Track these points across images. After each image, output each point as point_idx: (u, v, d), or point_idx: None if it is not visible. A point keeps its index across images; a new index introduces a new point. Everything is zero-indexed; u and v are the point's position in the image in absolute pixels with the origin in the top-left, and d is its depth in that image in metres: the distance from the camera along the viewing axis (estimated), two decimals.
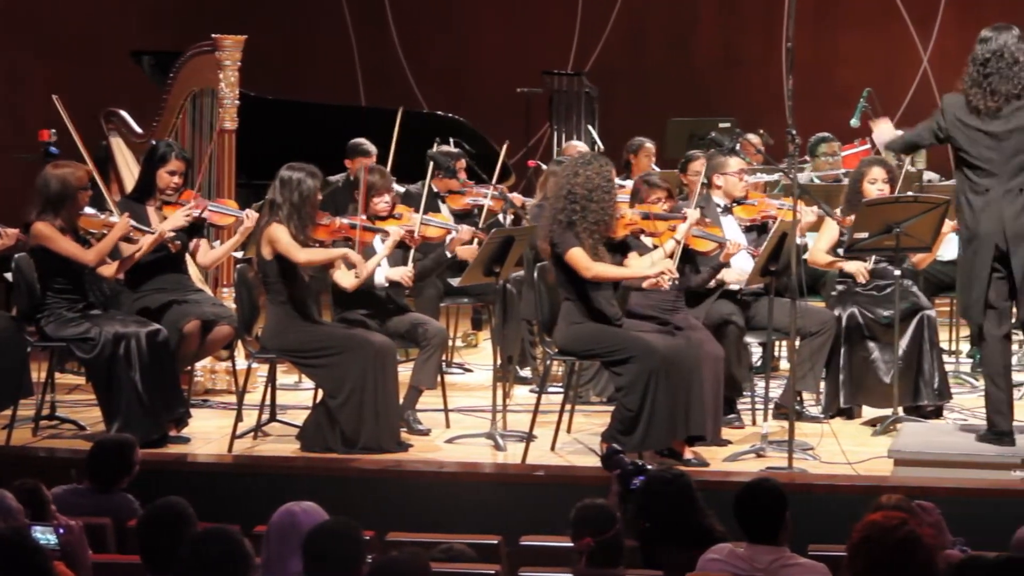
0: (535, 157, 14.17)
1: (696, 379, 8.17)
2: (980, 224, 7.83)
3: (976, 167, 7.86)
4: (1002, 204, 7.80)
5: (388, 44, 16.35)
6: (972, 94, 7.88)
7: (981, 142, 7.85)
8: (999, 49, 7.90)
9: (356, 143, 11.39)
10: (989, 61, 7.89)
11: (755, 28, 15.80)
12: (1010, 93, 7.85)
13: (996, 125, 7.84)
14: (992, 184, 7.82)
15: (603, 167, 8.31)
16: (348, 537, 5.04)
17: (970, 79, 7.92)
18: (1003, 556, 4.61)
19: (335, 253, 8.54)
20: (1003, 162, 7.83)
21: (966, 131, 7.88)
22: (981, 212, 7.83)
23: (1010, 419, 8.00)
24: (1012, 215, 7.80)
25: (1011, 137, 7.84)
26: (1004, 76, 7.86)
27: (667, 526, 5.90)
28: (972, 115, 7.88)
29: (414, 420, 8.94)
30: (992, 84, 7.85)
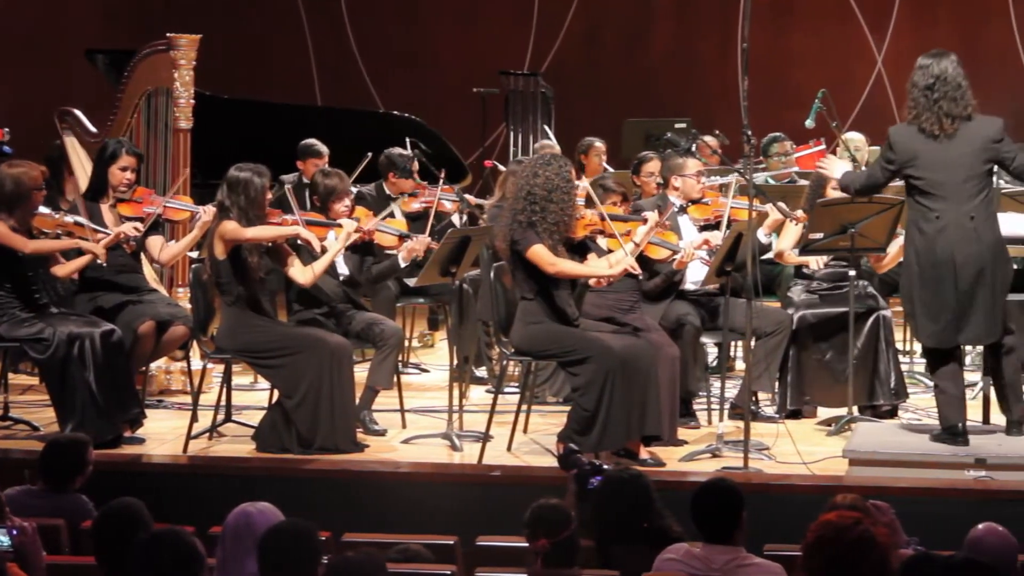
0: (491, 157, 14.15)
1: (652, 379, 8.19)
2: (937, 252, 7.85)
3: (929, 193, 7.88)
4: (955, 231, 7.83)
5: (344, 43, 16.31)
6: (924, 120, 7.91)
7: (935, 167, 7.87)
8: (941, 74, 7.94)
9: (308, 144, 11.36)
10: (934, 86, 7.93)
11: (710, 29, 15.83)
12: (961, 115, 7.89)
13: (950, 148, 7.87)
14: (944, 209, 7.85)
15: (562, 168, 8.31)
16: (304, 538, 5.03)
17: (919, 106, 7.94)
18: (955, 555, 4.62)
19: (287, 231, 8.51)
20: (955, 187, 7.85)
21: (919, 159, 7.90)
22: (936, 237, 7.85)
23: (963, 418, 8.03)
24: (962, 242, 7.83)
25: (963, 160, 7.87)
26: (951, 98, 7.90)
27: (624, 526, 5.90)
28: (928, 140, 7.90)
29: (370, 420, 8.93)
30: (943, 108, 7.88)
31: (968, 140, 7.88)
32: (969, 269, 7.84)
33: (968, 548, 5.31)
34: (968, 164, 7.87)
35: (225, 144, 11.39)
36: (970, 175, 7.87)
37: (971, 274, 7.84)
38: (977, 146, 7.89)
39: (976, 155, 7.88)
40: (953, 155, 7.87)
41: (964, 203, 7.86)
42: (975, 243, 7.84)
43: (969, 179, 7.87)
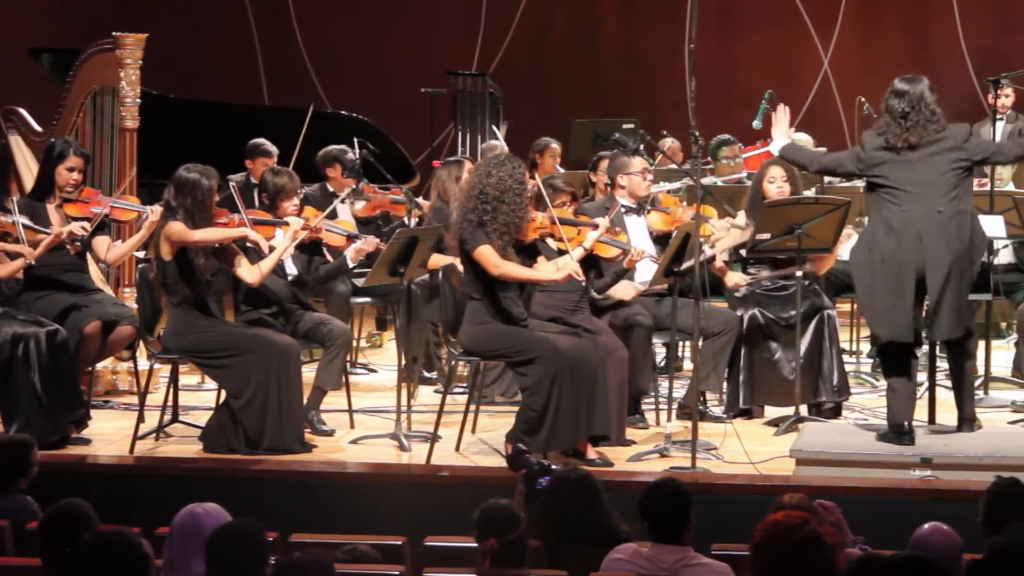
0: (440, 157, 14.14)
1: (600, 379, 8.20)
2: (901, 248, 7.89)
3: (895, 189, 7.93)
4: (921, 226, 7.87)
5: (291, 43, 16.27)
6: (891, 138, 7.96)
7: (900, 168, 7.94)
8: (916, 102, 7.98)
9: (257, 143, 11.34)
10: (909, 114, 7.97)
11: (658, 30, 15.87)
12: (930, 139, 7.95)
13: (915, 156, 7.94)
14: (910, 205, 7.89)
15: (516, 169, 8.30)
16: (251, 538, 5.01)
17: (889, 129, 7.99)
18: (900, 554, 4.65)
19: (234, 232, 8.48)
20: (924, 184, 7.89)
21: (886, 166, 7.95)
22: (901, 232, 7.89)
23: (910, 416, 8.08)
24: (932, 239, 7.87)
25: (933, 160, 7.92)
26: (922, 125, 7.96)
27: (572, 526, 5.91)
28: (893, 153, 7.96)
29: (318, 421, 8.91)
30: (912, 133, 7.95)
31: (936, 147, 7.94)
32: (937, 264, 7.88)
33: (913, 547, 5.34)
34: (939, 167, 7.93)
35: (172, 144, 11.34)
36: (941, 176, 7.92)
37: (939, 269, 7.88)
38: (946, 150, 7.94)
39: (947, 158, 7.94)
40: (921, 163, 7.92)
41: (932, 200, 7.90)
42: (942, 237, 7.87)
43: (940, 180, 7.92)
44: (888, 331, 8.03)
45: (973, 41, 15.11)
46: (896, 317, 7.97)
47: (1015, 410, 9.34)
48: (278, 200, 9.05)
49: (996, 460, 7.77)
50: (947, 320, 7.94)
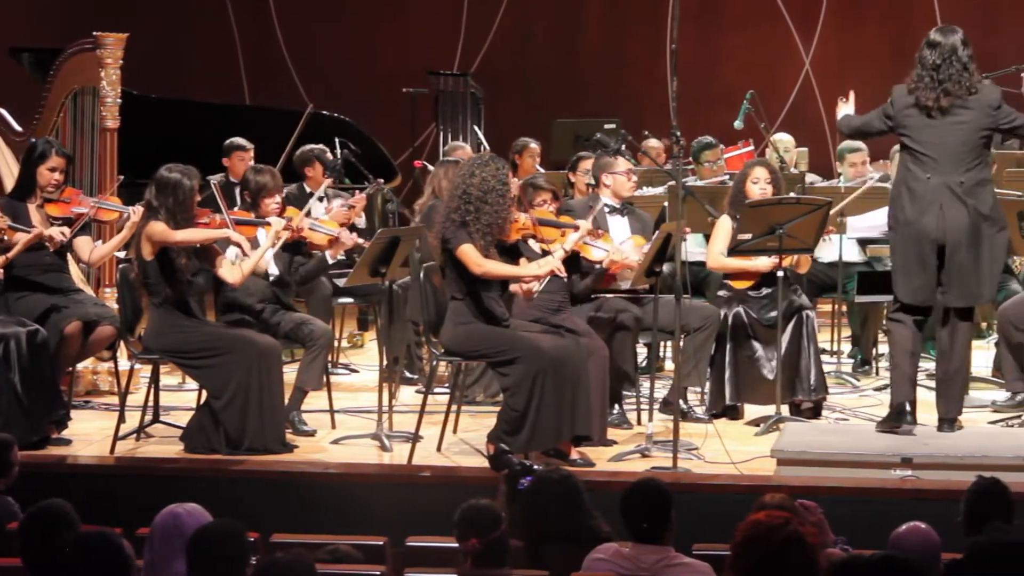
0: (421, 157, 14.14)
1: (582, 379, 8.20)
2: (922, 214, 7.99)
3: (920, 155, 8.01)
4: (943, 198, 7.96)
5: (273, 43, 16.24)
6: (922, 94, 8.01)
7: (929, 135, 8.01)
8: (949, 54, 8.04)
9: (231, 141, 11.32)
10: (940, 67, 8.03)
11: (640, 30, 15.88)
12: (962, 95, 8.00)
13: (944, 123, 8.00)
14: (934, 173, 7.98)
15: (500, 170, 8.30)
16: (232, 538, 5.01)
17: (922, 83, 8.04)
18: (881, 554, 4.65)
19: (216, 233, 8.45)
20: (948, 154, 7.97)
21: (913, 126, 8.03)
22: (921, 200, 7.98)
23: (911, 396, 8.12)
24: (955, 215, 7.96)
25: (958, 134, 8.00)
26: (956, 81, 8.01)
27: (554, 526, 5.91)
28: (922, 114, 8.02)
29: (299, 421, 8.90)
30: (946, 88, 8.00)
31: (965, 113, 8.00)
32: (955, 234, 7.96)
33: (891, 547, 5.35)
34: (964, 136, 8.01)
35: (153, 143, 11.32)
36: (964, 146, 8.00)
37: (957, 240, 7.97)
38: (974, 118, 8.01)
39: (973, 126, 8.01)
40: (947, 129, 8.01)
41: (955, 171, 7.99)
42: (962, 207, 7.96)
43: (963, 148, 7.99)
44: (904, 294, 8.13)
45: None
46: (913, 281, 8.07)
47: (995, 410, 9.35)
48: (260, 198, 9.05)
49: (977, 460, 7.78)
50: (959, 288, 8.02)
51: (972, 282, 8.04)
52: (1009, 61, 11.54)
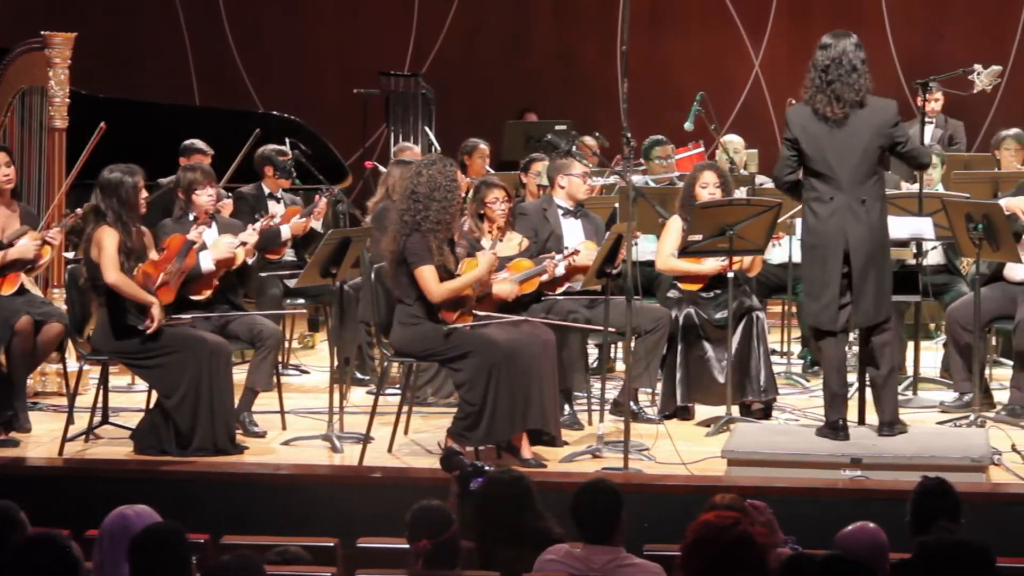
0: (372, 158, 14.12)
1: (535, 371, 8.21)
2: (828, 232, 7.95)
3: (821, 175, 7.98)
4: (846, 213, 7.93)
5: (223, 43, 16.19)
6: (817, 101, 7.99)
7: (827, 151, 7.96)
8: (838, 56, 8.02)
9: (191, 143, 11.28)
10: (829, 68, 8.01)
11: (590, 31, 15.90)
12: (853, 100, 7.97)
13: (841, 135, 7.95)
14: (836, 192, 7.94)
15: (446, 167, 8.34)
16: (172, 540, 4.99)
17: (813, 86, 8.03)
18: (828, 554, 4.68)
19: (140, 293, 8.37)
20: (847, 171, 7.94)
21: (812, 140, 7.98)
22: (828, 220, 7.95)
23: (844, 411, 8.15)
24: (853, 225, 7.93)
25: (855, 146, 7.96)
26: (845, 83, 7.98)
27: (505, 527, 5.91)
28: (820, 123, 7.98)
29: (250, 422, 8.88)
30: (835, 91, 7.97)
31: (861, 127, 7.96)
32: (861, 252, 7.95)
33: (838, 546, 5.37)
34: (860, 150, 7.95)
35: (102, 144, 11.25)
36: (862, 160, 7.96)
37: (863, 257, 7.95)
38: (870, 133, 7.97)
39: (869, 142, 7.97)
40: (845, 141, 7.95)
41: (855, 187, 7.95)
42: (865, 225, 7.94)
43: (861, 164, 7.96)
44: (808, 315, 8.12)
45: (902, 44, 15.23)
46: (816, 303, 8.05)
47: (943, 410, 9.41)
48: (191, 192, 9.06)
49: (925, 460, 7.82)
50: (869, 306, 8.00)
51: (878, 300, 8.03)
52: (957, 64, 11.63)
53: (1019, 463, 8.25)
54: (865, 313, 8.03)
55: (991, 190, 10.44)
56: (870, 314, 8.05)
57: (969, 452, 7.99)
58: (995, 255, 9.14)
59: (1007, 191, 9.85)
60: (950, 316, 9.50)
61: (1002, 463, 8.19)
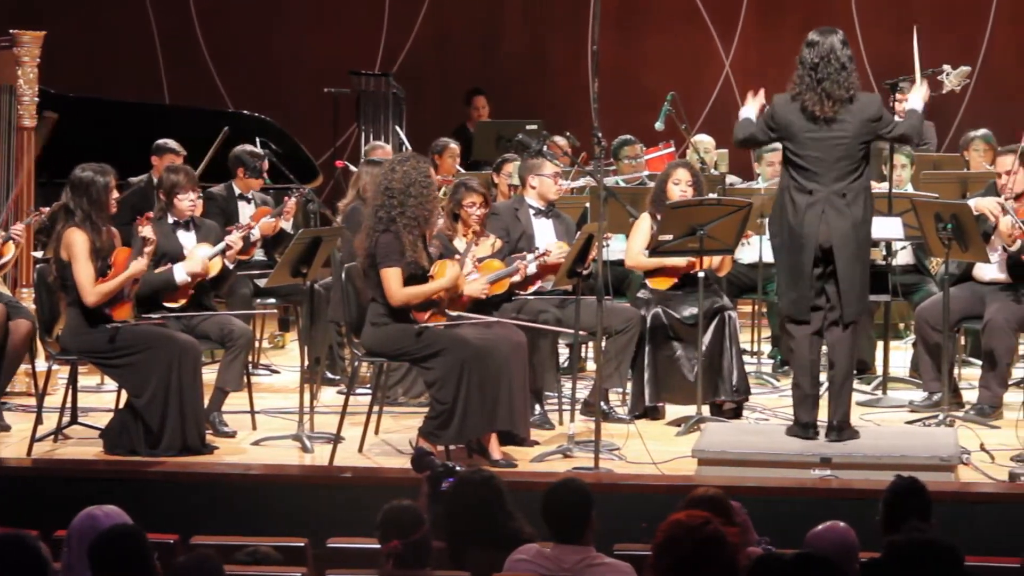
0: (343, 158, 14.10)
1: (506, 371, 8.21)
2: (804, 224, 7.96)
3: (803, 168, 7.99)
4: (826, 206, 7.94)
5: (193, 42, 16.13)
6: (808, 99, 7.99)
7: (811, 145, 7.97)
8: (827, 53, 8.03)
9: (163, 142, 11.25)
10: (819, 65, 8.01)
11: (561, 31, 15.89)
12: (842, 97, 7.98)
13: (828, 131, 7.96)
14: (817, 186, 7.96)
15: (420, 163, 8.36)
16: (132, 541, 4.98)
17: (802, 83, 8.02)
18: (798, 553, 4.68)
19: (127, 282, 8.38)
20: (829, 165, 7.96)
21: (798, 135, 7.99)
22: (805, 211, 7.96)
23: (814, 413, 8.16)
24: (836, 219, 7.94)
25: (841, 143, 7.97)
26: (835, 81, 7.98)
27: (476, 527, 5.91)
28: (808, 120, 7.98)
29: (220, 422, 8.86)
30: (826, 89, 7.97)
31: (847, 123, 7.97)
32: (846, 248, 7.95)
33: (808, 546, 5.38)
34: (846, 146, 7.97)
35: (71, 143, 11.23)
36: (846, 156, 7.97)
37: (848, 253, 7.96)
38: (855, 129, 7.97)
39: (854, 138, 7.98)
40: (831, 137, 7.95)
41: (838, 182, 7.96)
42: (849, 220, 7.94)
43: (844, 159, 7.97)
44: (785, 305, 8.13)
45: (872, 45, 15.25)
46: (793, 292, 8.05)
47: (913, 410, 9.44)
48: (173, 195, 9.04)
49: (895, 460, 7.85)
50: (855, 301, 8.01)
51: (856, 294, 8.05)
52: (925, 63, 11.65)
53: (988, 462, 8.28)
54: (852, 309, 8.04)
55: (960, 190, 10.48)
56: (856, 309, 8.07)
57: (938, 451, 8.02)
58: (964, 255, 9.18)
59: (976, 191, 9.89)
60: (919, 316, 9.53)
61: (971, 462, 8.23)
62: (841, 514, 5.72)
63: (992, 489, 7.89)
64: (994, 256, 9.31)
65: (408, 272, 8.22)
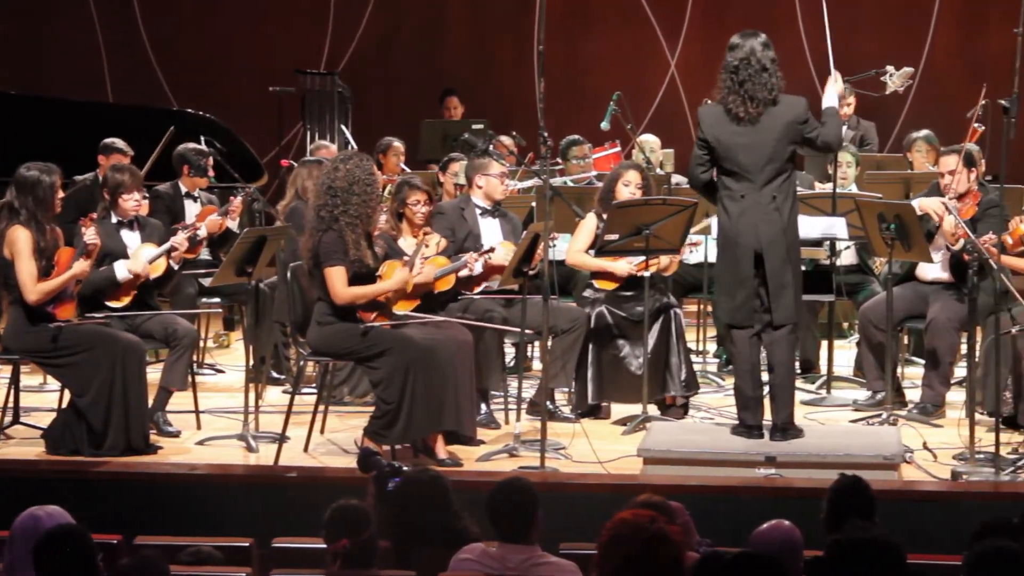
0: (288, 156, 14.06)
1: (451, 371, 8.21)
2: (739, 231, 7.99)
3: (733, 173, 8.01)
4: (757, 212, 7.97)
5: (136, 40, 16.04)
6: (731, 102, 8.01)
7: (738, 149, 7.99)
8: (747, 56, 8.06)
9: (111, 142, 11.17)
10: (739, 68, 8.05)
11: (506, 31, 15.91)
12: (766, 99, 8.01)
13: (753, 133, 7.98)
14: (747, 190, 7.99)
15: (363, 161, 8.36)
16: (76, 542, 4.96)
17: (725, 88, 8.06)
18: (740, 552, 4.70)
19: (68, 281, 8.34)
20: (758, 169, 7.99)
21: (724, 140, 8.01)
22: (739, 218, 7.99)
23: (759, 415, 8.19)
24: (765, 222, 7.98)
25: (767, 144, 8.00)
26: (756, 82, 8.02)
27: (422, 527, 5.91)
28: (732, 123, 8.01)
29: (164, 422, 8.82)
30: (748, 91, 8.00)
31: (772, 125, 7.99)
32: (775, 252, 7.98)
33: (753, 544, 5.40)
34: (772, 148, 7.99)
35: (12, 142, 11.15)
36: (773, 158, 8.00)
37: (778, 256, 7.99)
38: (781, 131, 8.00)
39: (780, 139, 8.00)
40: (756, 139, 7.97)
41: (766, 184, 7.99)
42: (777, 224, 7.97)
43: (772, 162, 7.99)
44: (725, 313, 8.15)
45: (816, 46, 15.33)
46: (733, 300, 8.07)
47: (857, 409, 9.49)
48: (117, 195, 8.99)
49: (838, 458, 7.89)
50: (788, 304, 8.04)
51: (789, 298, 8.08)
52: (870, 64, 11.72)
53: (930, 461, 8.33)
54: (785, 312, 8.07)
55: (903, 191, 10.55)
56: (790, 312, 8.10)
57: (881, 450, 8.07)
58: (907, 255, 9.24)
59: (919, 192, 9.95)
60: (863, 315, 9.59)
61: (914, 461, 8.28)
62: (786, 513, 5.75)
63: (935, 487, 7.94)
64: (937, 256, 9.37)
65: (353, 271, 8.20)
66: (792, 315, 8.11)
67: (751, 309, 8.07)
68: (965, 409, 8.78)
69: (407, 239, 9.01)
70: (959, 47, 15.39)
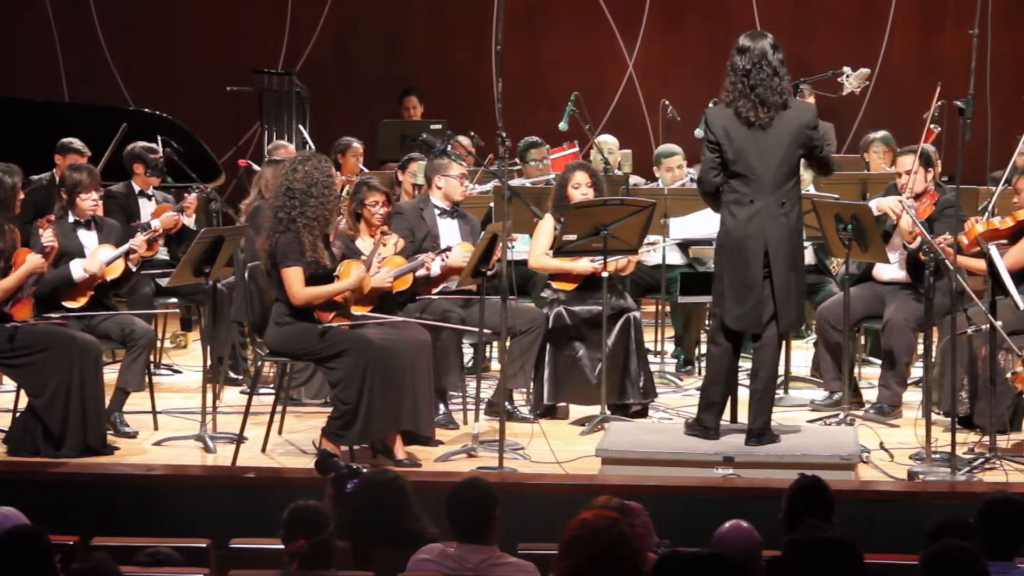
0: (245, 156, 14.01)
1: (410, 371, 8.21)
2: (748, 235, 7.94)
3: (742, 176, 7.96)
4: (766, 217, 7.94)
5: (92, 39, 15.97)
6: (741, 106, 7.95)
7: (749, 154, 7.94)
8: (759, 59, 8.00)
9: (68, 141, 11.13)
10: (751, 72, 7.98)
11: (465, 31, 15.90)
12: (776, 103, 7.96)
13: (764, 138, 7.94)
14: (758, 194, 7.94)
15: (322, 163, 8.34)
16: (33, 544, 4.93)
17: (735, 91, 7.98)
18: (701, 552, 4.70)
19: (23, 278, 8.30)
20: (769, 173, 7.94)
21: (735, 143, 7.95)
22: (747, 223, 7.94)
23: (719, 419, 8.20)
24: (773, 228, 7.94)
25: (778, 149, 7.96)
26: (768, 86, 7.96)
27: (380, 528, 5.90)
28: (743, 126, 7.96)
29: (121, 422, 8.79)
30: (759, 95, 7.95)
31: (783, 129, 7.96)
32: (781, 258, 7.96)
33: (714, 545, 5.42)
34: (782, 152, 7.95)
35: None
36: (783, 162, 7.96)
37: (783, 263, 7.97)
38: (791, 135, 7.97)
39: (791, 144, 7.97)
40: (768, 144, 7.93)
41: (776, 189, 7.95)
42: (784, 229, 7.95)
43: (782, 166, 7.96)
44: (730, 319, 8.07)
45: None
46: (741, 307, 8.01)
47: (814, 409, 9.53)
48: (75, 195, 8.95)
49: (796, 458, 7.92)
50: (793, 311, 8.05)
51: (794, 306, 8.08)
52: (824, 65, 11.77)
53: (887, 461, 8.37)
54: (791, 319, 8.07)
55: (860, 191, 10.58)
56: (795, 320, 8.11)
57: (838, 450, 8.10)
58: (864, 255, 9.28)
59: (876, 192, 9.99)
60: (820, 316, 9.62)
61: (870, 461, 8.31)
62: (745, 513, 5.76)
63: (891, 487, 7.98)
64: (894, 256, 9.41)
65: (310, 272, 8.19)
66: (796, 324, 8.13)
67: (758, 316, 8.02)
68: (921, 409, 8.84)
69: (365, 239, 9.00)
70: (915, 48, 15.46)
